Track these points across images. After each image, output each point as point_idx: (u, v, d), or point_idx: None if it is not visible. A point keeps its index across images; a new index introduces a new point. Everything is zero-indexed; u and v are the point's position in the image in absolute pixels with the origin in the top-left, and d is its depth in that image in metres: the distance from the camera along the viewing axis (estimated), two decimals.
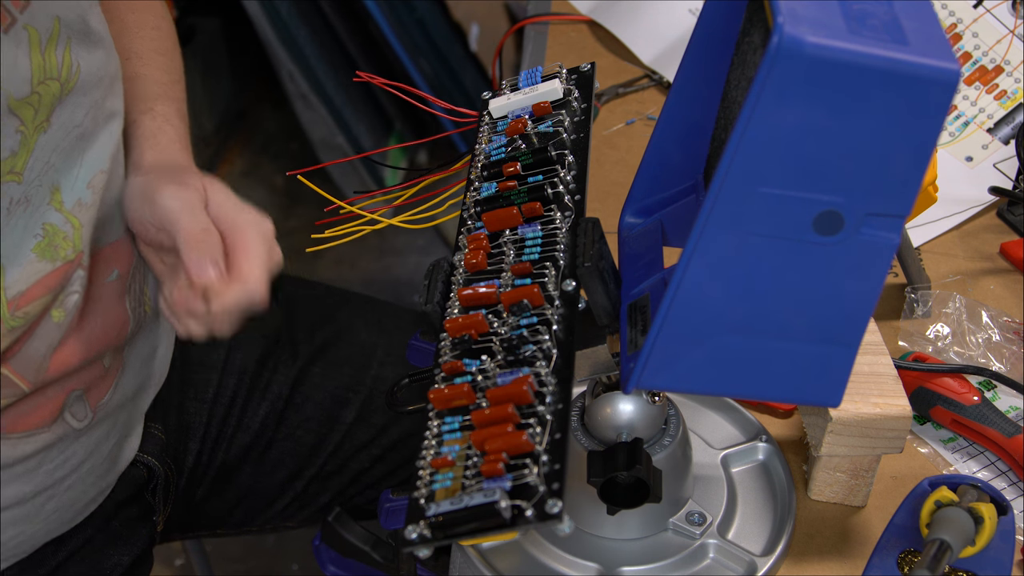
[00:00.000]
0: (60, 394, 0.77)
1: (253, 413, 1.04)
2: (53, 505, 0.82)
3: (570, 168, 0.73)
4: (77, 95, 0.72)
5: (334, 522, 0.77)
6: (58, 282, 0.71)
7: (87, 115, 0.73)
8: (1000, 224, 1.05)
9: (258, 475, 1.06)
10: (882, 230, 0.59)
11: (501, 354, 0.65)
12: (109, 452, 0.86)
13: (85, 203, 0.73)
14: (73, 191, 0.72)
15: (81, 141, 0.73)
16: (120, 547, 0.92)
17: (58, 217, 0.71)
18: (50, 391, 0.76)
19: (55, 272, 0.71)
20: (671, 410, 0.76)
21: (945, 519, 0.68)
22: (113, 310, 0.78)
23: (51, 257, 0.70)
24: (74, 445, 0.81)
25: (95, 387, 0.80)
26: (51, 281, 0.70)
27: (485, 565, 0.74)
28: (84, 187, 0.73)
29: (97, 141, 0.75)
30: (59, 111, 0.70)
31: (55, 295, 0.72)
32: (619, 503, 0.71)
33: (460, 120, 0.85)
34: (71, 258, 0.72)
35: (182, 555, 1.82)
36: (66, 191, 0.72)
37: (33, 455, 0.78)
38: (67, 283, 0.72)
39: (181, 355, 1.01)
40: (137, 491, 0.93)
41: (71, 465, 0.82)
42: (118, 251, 0.79)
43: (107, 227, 0.78)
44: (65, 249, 0.71)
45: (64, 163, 0.72)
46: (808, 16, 0.55)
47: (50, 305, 0.72)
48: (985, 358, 0.90)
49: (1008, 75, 1.10)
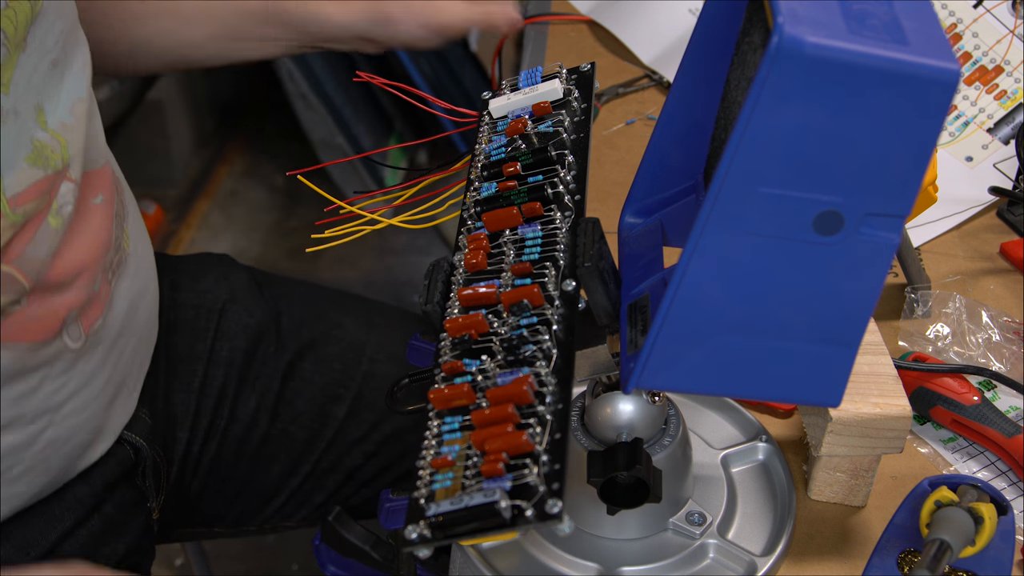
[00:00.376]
0: (60, 309, 0.81)
1: (244, 405, 1.06)
2: (50, 435, 0.84)
3: (570, 168, 0.73)
4: (46, 19, 0.78)
5: (334, 522, 0.77)
6: (49, 186, 0.78)
7: (57, 43, 0.79)
8: (1000, 224, 1.05)
9: (254, 470, 1.07)
10: (882, 230, 0.59)
11: (501, 354, 0.65)
12: (101, 392, 0.88)
13: (69, 124, 0.80)
14: (56, 115, 0.79)
15: (55, 69, 0.79)
16: (116, 534, 0.93)
17: (45, 135, 0.78)
18: (50, 303, 0.80)
19: (47, 178, 0.77)
20: (671, 410, 0.76)
21: (945, 519, 0.68)
22: (102, 230, 0.85)
23: (42, 165, 0.77)
24: (70, 372, 0.84)
25: (88, 310, 0.84)
26: (43, 186, 0.77)
27: (485, 565, 0.74)
28: (67, 112, 0.80)
29: (71, 70, 0.82)
30: (33, 32, 0.76)
31: (48, 200, 0.78)
32: (619, 503, 0.71)
33: (460, 120, 0.85)
34: (60, 168, 0.79)
35: (182, 555, 1.82)
36: (49, 114, 0.78)
37: (35, 371, 0.81)
38: (58, 192, 0.79)
39: (166, 347, 1.03)
40: (126, 473, 0.94)
41: (68, 391, 0.84)
42: (101, 178, 0.86)
43: (89, 154, 0.85)
44: (54, 160, 0.78)
45: (44, 87, 0.78)
46: (808, 16, 0.55)
47: (46, 210, 0.78)
48: (985, 358, 0.90)
49: (1008, 75, 1.10)
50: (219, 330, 1.06)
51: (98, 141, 0.88)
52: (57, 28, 0.80)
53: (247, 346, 1.07)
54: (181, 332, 1.05)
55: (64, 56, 0.81)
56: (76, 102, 0.81)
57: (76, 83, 0.82)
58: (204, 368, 1.04)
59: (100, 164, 0.87)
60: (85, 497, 0.90)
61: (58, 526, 0.89)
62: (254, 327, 1.07)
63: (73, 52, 0.83)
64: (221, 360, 1.05)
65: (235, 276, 1.10)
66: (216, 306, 1.07)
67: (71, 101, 0.81)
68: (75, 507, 0.90)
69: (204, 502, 1.07)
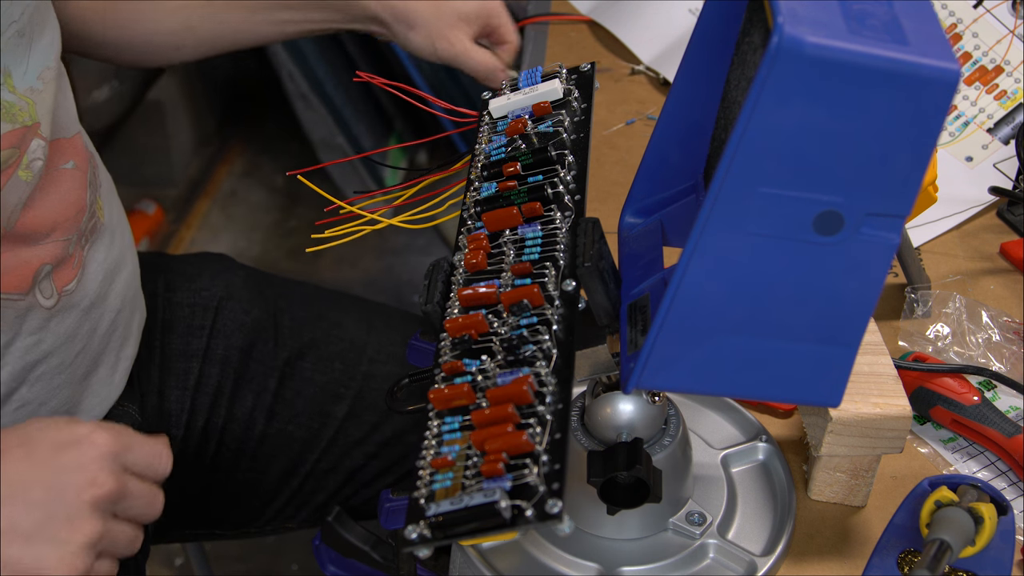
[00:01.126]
0: (33, 261, 0.82)
1: (241, 404, 1.05)
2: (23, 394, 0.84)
3: (570, 168, 0.73)
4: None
5: (334, 522, 0.77)
6: (20, 139, 0.80)
7: (23, 14, 0.81)
8: (1000, 224, 1.05)
9: (253, 471, 1.07)
10: (882, 230, 0.59)
11: (501, 354, 0.65)
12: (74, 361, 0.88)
13: (38, 89, 0.83)
14: (24, 80, 0.81)
15: (22, 38, 0.81)
16: None
17: (12, 96, 0.80)
18: (23, 253, 0.81)
19: (17, 131, 0.80)
20: (671, 410, 0.76)
21: (945, 519, 0.68)
22: (73, 192, 0.86)
23: (11, 120, 0.79)
24: (43, 331, 0.84)
25: (60, 270, 0.85)
26: (13, 138, 0.79)
27: (485, 565, 0.74)
28: (35, 78, 0.82)
29: (39, 42, 0.84)
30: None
31: (20, 152, 0.80)
32: (619, 503, 0.71)
33: (460, 120, 0.85)
34: (29, 124, 0.81)
35: (182, 555, 1.82)
36: (17, 79, 0.81)
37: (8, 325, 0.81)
38: (28, 147, 0.81)
39: (161, 344, 1.03)
40: None
41: (41, 351, 0.85)
42: (72, 146, 0.88)
43: (59, 123, 0.86)
44: (23, 116, 0.80)
45: (10, 54, 0.80)
46: (808, 16, 0.55)
47: (16, 163, 0.80)
48: (985, 358, 0.90)
49: (1008, 75, 1.10)
50: (215, 328, 1.06)
51: (69, 113, 0.89)
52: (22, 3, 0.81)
53: (243, 344, 1.06)
54: (176, 329, 1.05)
55: (30, 28, 0.82)
56: (44, 70, 0.84)
57: (44, 54, 0.84)
58: (199, 366, 1.04)
59: (71, 134, 0.89)
60: None
61: None
62: (250, 325, 1.07)
63: (42, 27, 0.85)
64: (217, 358, 1.05)
65: (232, 274, 1.10)
66: (212, 304, 1.07)
67: (39, 69, 0.83)
68: None
69: (204, 504, 1.07)
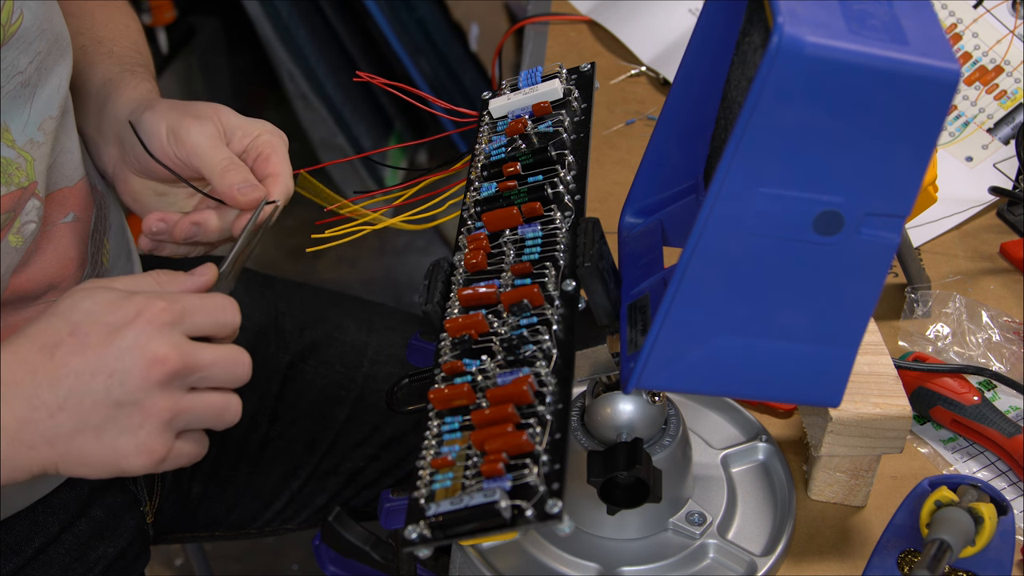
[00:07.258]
0: (16, 321, 0.80)
1: (244, 409, 1.05)
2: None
3: (570, 168, 0.73)
4: (20, 41, 0.76)
5: (334, 522, 0.77)
6: (13, 204, 0.77)
7: (31, 63, 0.78)
8: (1000, 224, 1.05)
9: (254, 473, 1.07)
10: (882, 230, 0.59)
11: (501, 354, 0.65)
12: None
13: (37, 142, 0.79)
14: (24, 133, 0.78)
15: (26, 89, 0.78)
16: (105, 538, 0.93)
17: (11, 152, 0.77)
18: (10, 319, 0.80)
19: (11, 195, 0.76)
20: (671, 410, 0.76)
21: (945, 519, 0.68)
22: (70, 249, 0.83)
23: (6, 182, 0.76)
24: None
25: None
26: (7, 202, 0.76)
27: (485, 565, 0.74)
28: (35, 130, 0.79)
29: (43, 91, 0.80)
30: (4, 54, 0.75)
31: (12, 217, 0.77)
32: (619, 503, 0.71)
33: (460, 120, 0.85)
34: (24, 185, 0.77)
35: (182, 555, 1.82)
36: (16, 132, 0.77)
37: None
38: (23, 209, 0.78)
39: None
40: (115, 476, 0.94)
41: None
42: (75, 196, 0.84)
43: (61, 171, 0.83)
44: (19, 177, 0.77)
45: (11, 106, 0.77)
46: (808, 16, 0.55)
47: (8, 228, 0.77)
48: (985, 358, 0.90)
49: (1008, 75, 1.10)
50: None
51: (73, 156, 0.84)
52: (34, 49, 0.78)
53: (246, 348, 1.06)
54: None
55: (38, 77, 0.79)
56: (46, 120, 0.80)
57: (48, 102, 0.80)
58: None
59: (74, 181, 0.85)
60: (71, 502, 0.90)
61: (43, 532, 0.88)
62: (253, 329, 1.07)
63: (49, 72, 0.80)
64: None
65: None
66: None
67: (41, 119, 0.79)
68: (60, 512, 0.89)
69: (205, 506, 1.07)
